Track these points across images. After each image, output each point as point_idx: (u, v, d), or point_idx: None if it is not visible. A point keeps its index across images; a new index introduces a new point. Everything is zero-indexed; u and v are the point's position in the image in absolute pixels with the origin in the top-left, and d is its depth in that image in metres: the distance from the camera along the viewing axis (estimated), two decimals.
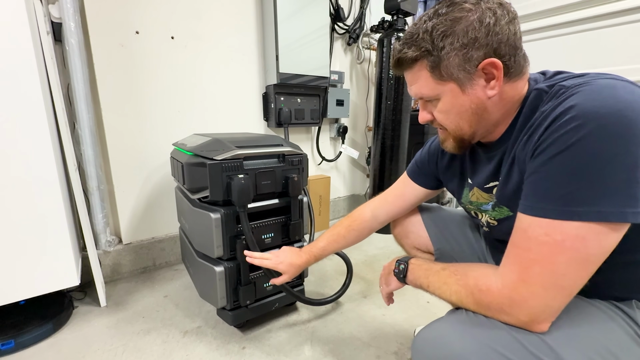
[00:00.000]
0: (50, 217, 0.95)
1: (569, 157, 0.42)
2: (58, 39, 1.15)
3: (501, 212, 0.59)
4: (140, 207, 1.44)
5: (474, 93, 0.53)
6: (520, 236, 0.47)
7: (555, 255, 0.43)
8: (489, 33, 0.49)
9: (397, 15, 1.76)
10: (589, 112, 0.41)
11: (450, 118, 0.57)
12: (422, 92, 0.57)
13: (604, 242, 0.42)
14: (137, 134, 1.37)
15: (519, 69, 0.52)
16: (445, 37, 0.51)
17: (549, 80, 0.52)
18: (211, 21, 1.50)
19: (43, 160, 0.92)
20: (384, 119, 1.86)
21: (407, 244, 0.94)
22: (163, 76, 1.40)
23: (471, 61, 0.51)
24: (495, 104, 0.54)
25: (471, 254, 0.84)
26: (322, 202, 1.97)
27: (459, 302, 0.55)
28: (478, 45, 0.50)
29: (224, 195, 0.91)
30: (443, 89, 0.54)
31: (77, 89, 1.15)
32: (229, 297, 0.97)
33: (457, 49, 0.50)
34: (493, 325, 0.49)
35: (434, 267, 0.62)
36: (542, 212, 0.44)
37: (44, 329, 1.02)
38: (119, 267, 1.40)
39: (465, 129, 0.57)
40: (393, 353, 0.98)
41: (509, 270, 0.48)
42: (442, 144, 0.64)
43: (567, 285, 0.44)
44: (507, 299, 0.47)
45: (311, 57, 1.72)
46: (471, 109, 0.54)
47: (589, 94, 0.43)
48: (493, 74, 0.51)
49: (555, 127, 0.43)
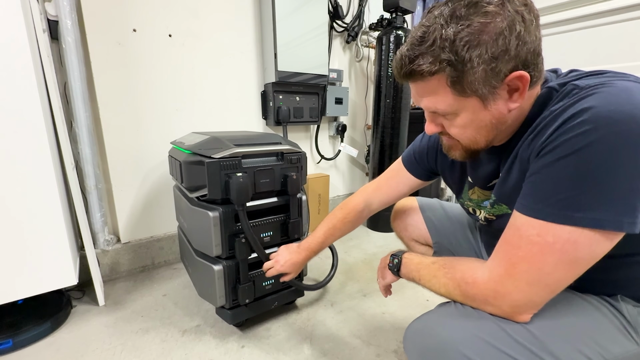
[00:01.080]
0: (47, 216, 0.95)
1: (574, 161, 0.41)
2: (54, 37, 1.14)
3: (499, 209, 0.59)
4: (138, 206, 1.43)
5: (496, 108, 0.48)
6: (512, 233, 0.48)
7: (544, 255, 0.43)
8: (519, 43, 0.44)
9: (396, 13, 1.76)
10: (602, 117, 0.39)
11: (466, 133, 0.53)
12: (437, 107, 0.51)
13: (595, 248, 0.42)
14: (135, 132, 1.37)
15: (540, 76, 0.49)
16: (472, 48, 0.44)
17: (561, 79, 0.50)
18: (209, 19, 1.49)
19: (40, 159, 0.91)
20: (383, 117, 1.86)
21: (406, 237, 0.96)
22: (161, 74, 1.40)
23: (499, 75, 0.45)
24: (513, 115, 0.51)
25: (468, 248, 0.85)
26: (322, 200, 1.97)
27: (447, 294, 0.56)
28: (508, 58, 0.44)
29: (223, 194, 0.91)
30: (463, 105, 0.49)
31: (74, 88, 1.14)
32: (227, 296, 0.97)
33: (486, 62, 0.44)
34: (480, 316, 0.50)
35: (425, 261, 0.63)
36: (538, 214, 0.44)
37: (42, 328, 1.02)
38: (117, 266, 1.40)
39: (480, 143, 0.53)
40: (393, 351, 0.98)
41: (496, 265, 0.49)
42: (448, 152, 0.60)
43: (552, 283, 0.45)
44: (491, 291, 0.49)
45: (310, 55, 1.72)
46: (491, 124, 0.50)
47: (606, 97, 0.40)
48: (518, 86, 0.46)
49: (565, 129, 0.42)
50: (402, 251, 0.71)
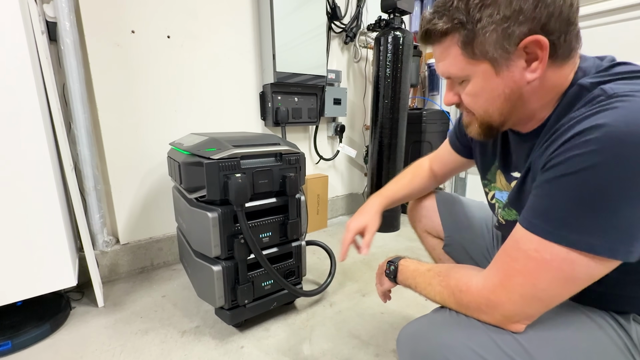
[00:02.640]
0: (46, 217, 0.95)
1: (575, 181, 0.39)
2: (53, 39, 1.14)
3: (510, 214, 0.59)
4: (137, 207, 1.43)
5: (510, 76, 0.46)
6: (512, 245, 0.47)
7: (540, 271, 0.43)
8: (538, 4, 0.41)
9: (393, 14, 1.76)
10: (612, 138, 0.36)
11: (478, 102, 0.50)
12: (449, 71, 0.50)
13: (592, 271, 0.41)
14: (133, 133, 1.37)
15: (569, 51, 0.45)
16: (484, 7, 0.43)
17: (599, 75, 0.44)
18: (207, 20, 1.49)
19: (39, 160, 0.92)
20: (382, 118, 1.86)
21: (419, 228, 0.96)
22: (159, 75, 1.40)
23: (512, 38, 0.43)
24: (533, 91, 0.47)
25: (480, 245, 0.85)
26: (320, 201, 1.97)
27: (442, 302, 0.56)
28: (523, 19, 0.42)
29: (221, 195, 0.91)
30: (474, 70, 0.47)
31: (73, 89, 1.14)
32: (227, 297, 0.97)
33: (497, 22, 0.42)
34: (471, 325, 0.50)
35: (421, 268, 0.63)
36: (536, 229, 0.43)
37: (42, 329, 1.02)
38: (116, 268, 1.40)
39: (494, 117, 0.50)
40: (392, 351, 0.98)
41: (492, 274, 0.48)
42: (466, 128, 0.57)
43: (546, 298, 0.44)
44: (485, 299, 0.48)
45: (308, 56, 1.72)
46: (504, 94, 0.47)
47: (624, 114, 0.37)
48: (536, 54, 0.43)
49: (572, 145, 0.40)
50: (399, 257, 0.70)
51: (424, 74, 2.52)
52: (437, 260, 0.96)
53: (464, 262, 0.88)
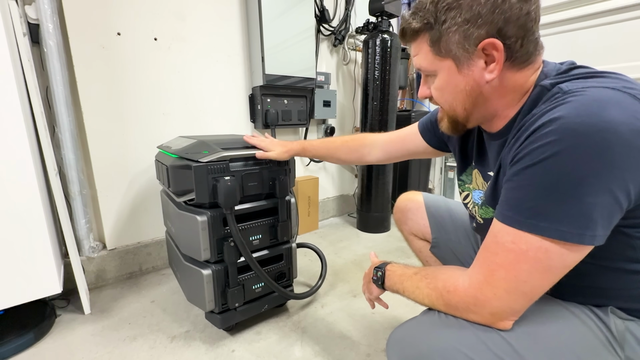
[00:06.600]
0: (29, 223, 0.93)
1: (539, 171, 0.42)
2: (35, 41, 1.11)
3: (487, 212, 0.60)
4: (124, 212, 1.41)
5: (470, 74, 0.50)
6: (491, 240, 0.48)
7: (519, 263, 0.44)
8: (495, 10, 0.45)
9: (381, 17, 1.78)
10: (568, 129, 0.40)
11: (444, 96, 0.56)
12: (421, 64, 0.56)
13: (565, 258, 0.43)
14: (120, 137, 1.35)
15: (527, 56, 0.48)
16: (449, 10, 0.48)
17: (558, 77, 0.48)
18: (195, 22, 1.48)
19: (21, 165, 0.89)
20: (371, 119, 1.88)
21: (406, 230, 0.98)
22: (146, 78, 1.38)
23: (471, 39, 0.47)
24: (493, 90, 0.51)
25: (467, 246, 0.86)
26: (311, 202, 1.97)
27: (431, 304, 0.56)
28: (481, 22, 0.46)
29: (210, 198, 0.91)
30: (440, 65, 0.52)
31: (57, 92, 1.12)
32: (217, 300, 0.96)
33: (459, 24, 0.47)
34: (460, 326, 0.51)
35: (407, 272, 0.63)
36: (511, 221, 0.45)
37: (25, 339, 0.99)
38: (103, 274, 1.37)
39: (458, 111, 0.55)
40: (383, 351, 0.99)
41: (476, 272, 0.50)
42: (439, 123, 0.63)
43: (529, 291, 0.45)
44: (472, 298, 0.49)
45: (297, 59, 1.73)
46: (465, 91, 0.52)
47: (576, 107, 0.41)
48: (494, 56, 0.47)
49: (534, 138, 0.43)
50: (385, 262, 0.70)
51: (412, 76, 2.55)
52: (424, 262, 0.97)
53: (451, 263, 0.89)
